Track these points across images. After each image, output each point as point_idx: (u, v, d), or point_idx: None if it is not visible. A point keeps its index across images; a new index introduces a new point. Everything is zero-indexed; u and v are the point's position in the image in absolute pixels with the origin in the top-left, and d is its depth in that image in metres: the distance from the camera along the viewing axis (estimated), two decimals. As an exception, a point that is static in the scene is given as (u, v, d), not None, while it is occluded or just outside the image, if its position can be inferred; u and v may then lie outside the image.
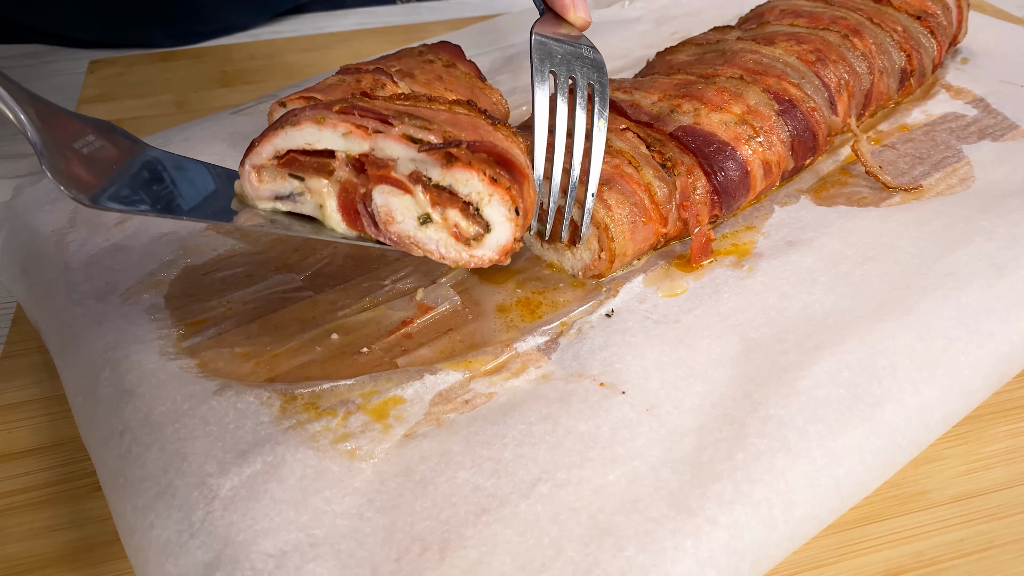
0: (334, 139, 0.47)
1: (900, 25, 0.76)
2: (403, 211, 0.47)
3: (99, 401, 0.49)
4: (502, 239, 0.46)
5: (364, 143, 0.46)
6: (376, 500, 0.43)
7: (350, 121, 0.46)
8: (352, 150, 0.47)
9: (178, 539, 0.41)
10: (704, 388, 0.48)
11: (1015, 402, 0.54)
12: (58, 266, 0.60)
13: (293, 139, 0.47)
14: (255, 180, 0.48)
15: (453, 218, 0.46)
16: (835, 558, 0.45)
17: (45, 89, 0.99)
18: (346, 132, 0.46)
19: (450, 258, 0.47)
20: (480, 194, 0.45)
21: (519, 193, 0.45)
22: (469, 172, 0.45)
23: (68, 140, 0.46)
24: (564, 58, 0.58)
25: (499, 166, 0.45)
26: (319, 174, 0.47)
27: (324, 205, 0.48)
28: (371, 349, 0.53)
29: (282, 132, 0.47)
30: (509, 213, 0.45)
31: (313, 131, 0.47)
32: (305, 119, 0.46)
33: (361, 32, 1.08)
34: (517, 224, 0.46)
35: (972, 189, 0.65)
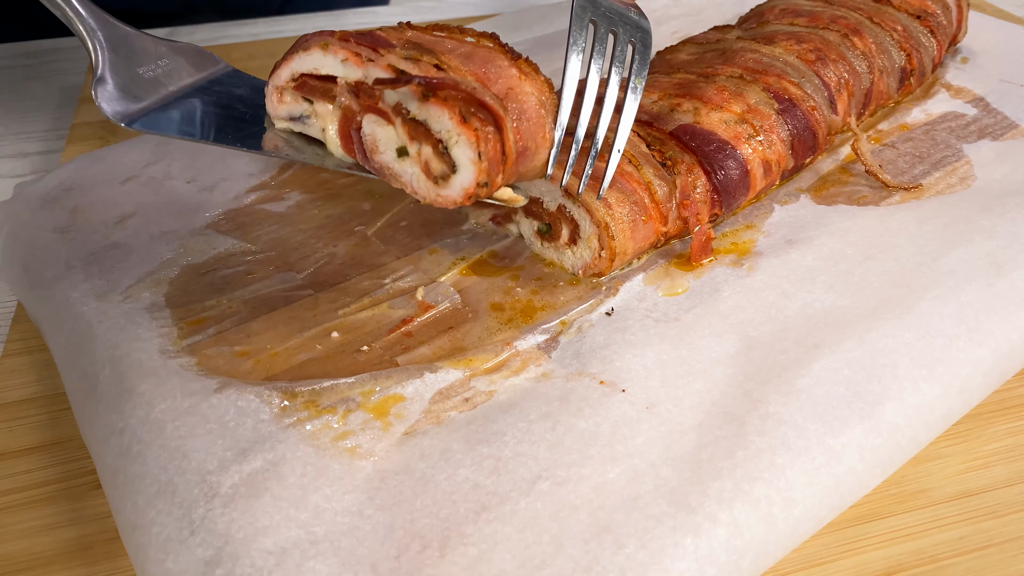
0: (335, 64, 0.49)
1: (900, 24, 0.76)
2: (385, 141, 0.48)
3: (99, 399, 0.49)
4: (465, 182, 0.46)
5: (358, 70, 0.48)
6: (376, 498, 0.43)
7: (347, 48, 0.48)
8: (349, 76, 0.49)
9: (178, 536, 0.41)
10: (704, 386, 0.48)
11: (1015, 400, 0.54)
12: (58, 265, 0.60)
13: (304, 63, 0.50)
14: (276, 100, 0.52)
15: (425, 154, 0.46)
16: (835, 556, 0.45)
17: (45, 89, 0.99)
18: (344, 59, 0.49)
19: (421, 193, 0.48)
20: (449, 132, 0.45)
21: (488, 137, 0.45)
22: (441, 109, 0.45)
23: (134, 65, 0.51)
24: (609, 11, 0.55)
25: (476, 107, 0.45)
26: (324, 98, 0.50)
27: (327, 129, 0.51)
28: (371, 347, 0.53)
29: (296, 56, 0.50)
30: (473, 156, 0.45)
31: (319, 55, 0.50)
32: (313, 43, 0.50)
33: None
34: (480, 169, 0.45)
35: (972, 188, 0.65)
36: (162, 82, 0.52)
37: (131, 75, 0.51)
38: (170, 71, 0.53)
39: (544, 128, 0.49)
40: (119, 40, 0.51)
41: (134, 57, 0.51)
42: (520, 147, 0.48)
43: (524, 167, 0.50)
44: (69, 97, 0.97)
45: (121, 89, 0.50)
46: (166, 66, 0.53)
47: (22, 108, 0.95)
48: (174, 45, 0.55)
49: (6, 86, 1.00)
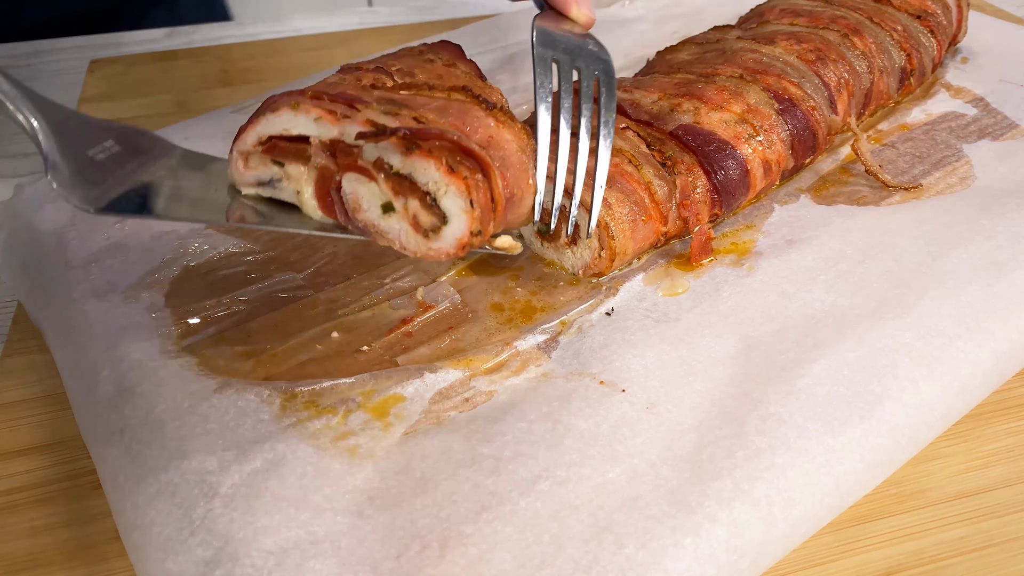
0: (307, 124, 0.47)
1: (900, 24, 0.76)
2: (368, 199, 0.46)
3: (99, 399, 0.49)
4: (458, 232, 0.45)
5: (333, 128, 0.47)
6: (376, 498, 0.43)
7: (320, 106, 0.47)
8: (323, 135, 0.47)
9: (178, 536, 0.41)
10: (704, 386, 0.48)
11: (1015, 400, 0.54)
12: (59, 265, 0.60)
13: (272, 125, 0.48)
14: (241, 166, 0.50)
15: (413, 208, 0.45)
16: (834, 556, 0.45)
17: (45, 89, 0.99)
18: (317, 117, 0.47)
19: (410, 249, 0.46)
20: (437, 184, 0.44)
21: (478, 185, 0.44)
22: (427, 161, 0.44)
23: (83, 147, 0.47)
24: (568, 48, 0.54)
25: (462, 156, 0.44)
26: (297, 160, 0.48)
27: (301, 191, 0.49)
28: (371, 347, 0.53)
29: (263, 119, 0.48)
30: (465, 205, 0.44)
31: (289, 116, 0.48)
32: (282, 104, 0.48)
33: (361, 32, 1.08)
34: (473, 217, 0.44)
35: (972, 188, 0.65)
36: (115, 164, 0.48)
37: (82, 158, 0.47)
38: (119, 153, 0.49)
39: (527, 174, 0.48)
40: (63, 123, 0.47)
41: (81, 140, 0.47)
42: (507, 194, 0.47)
43: (512, 214, 0.49)
44: (69, 98, 0.97)
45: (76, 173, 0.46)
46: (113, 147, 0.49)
47: (22, 108, 0.95)
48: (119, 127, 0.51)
49: (6, 86, 1.00)
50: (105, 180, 0.47)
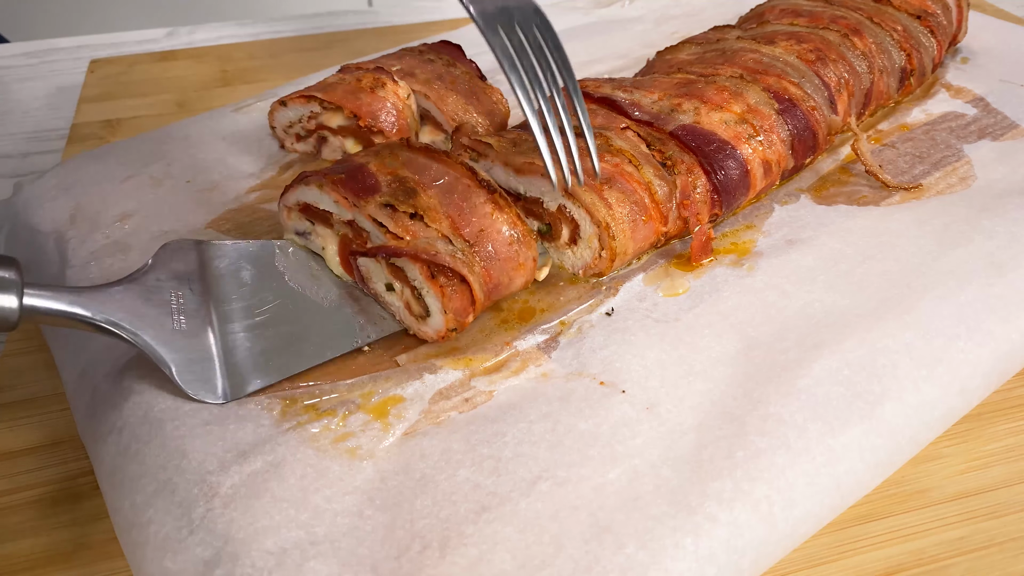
0: (329, 203, 0.54)
1: (900, 24, 0.76)
2: (376, 275, 0.53)
3: (98, 398, 0.49)
4: (437, 326, 0.51)
5: (348, 212, 0.53)
6: (376, 498, 0.43)
7: (336, 192, 0.53)
8: (340, 217, 0.54)
9: (177, 535, 0.41)
10: (704, 386, 0.48)
11: (1015, 400, 0.54)
12: (58, 264, 0.60)
13: (305, 195, 0.56)
14: (285, 217, 0.58)
15: (406, 295, 0.52)
16: (835, 556, 0.45)
17: (46, 89, 0.99)
18: (335, 200, 0.54)
19: (407, 324, 0.53)
20: (420, 283, 0.50)
21: (454, 292, 0.50)
22: (413, 264, 0.50)
23: (163, 324, 0.48)
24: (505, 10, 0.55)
25: (447, 270, 0.50)
26: (324, 224, 0.56)
27: (327, 248, 0.56)
28: (371, 348, 0.53)
29: (299, 188, 0.56)
30: (442, 307, 0.50)
31: (316, 193, 0.55)
32: (312, 182, 0.55)
33: (361, 31, 1.08)
34: (448, 319, 0.50)
35: (972, 188, 0.65)
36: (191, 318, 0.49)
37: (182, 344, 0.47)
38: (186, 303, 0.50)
39: (519, 259, 0.53)
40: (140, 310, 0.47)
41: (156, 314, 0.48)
42: (491, 285, 0.52)
43: (500, 295, 0.54)
44: (69, 97, 0.97)
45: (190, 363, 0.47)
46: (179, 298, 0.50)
47: (22, 108, 0.95)
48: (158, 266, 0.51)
49: (6, 86, 1.00)
50: (205, 349, 0.49)
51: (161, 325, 0.48)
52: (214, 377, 0.48)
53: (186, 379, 0.47)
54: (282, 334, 0.51)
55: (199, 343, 0.48)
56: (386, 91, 0.69)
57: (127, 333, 0.46)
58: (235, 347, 0.49)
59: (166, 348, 0.47)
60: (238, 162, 0.71)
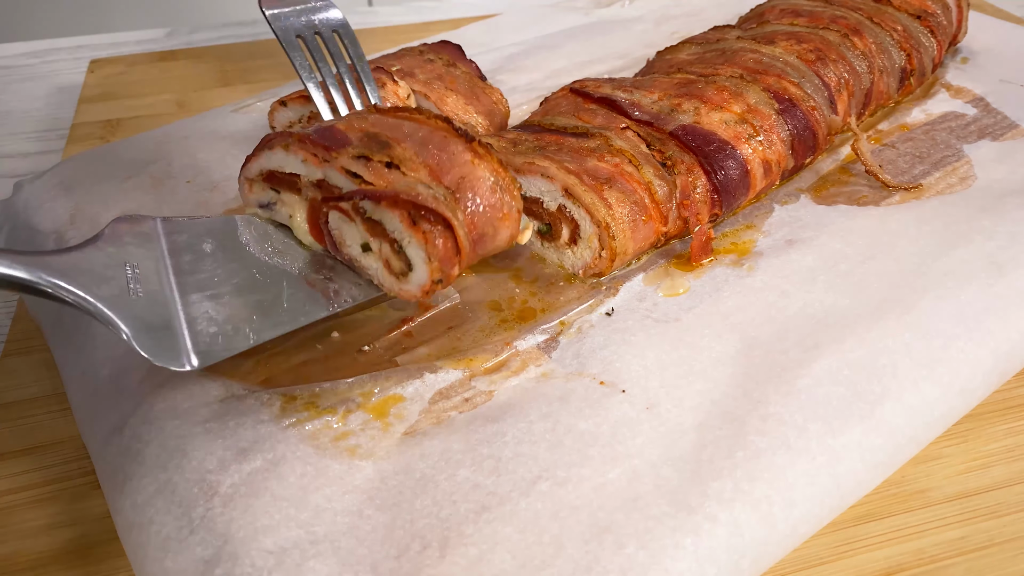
0: (296, 164, 0.51)
1: (900, 24, 0.76)
2: (350, 236, 0.50)
3: (99, 398, 0.49)
4: (421, 279, 0.48)
5: (318, 170, 0.50)
6: (376, 498, 0.43)
7: (305, 149, 0.50)
8: (310, 176, 0.51)
9: (177, 535, 0.41)
10: (704, 386, 0.48)
11: (1015, 400, 0.54)
12: (58, 264, 0.60)
13: (270, 160, 0.52)
14: (247, 190, 0.54)
15: (385, 252, 0.48)
16: (835, 556, 0.45)
17: (46, 89, 0.99)
18: (303, 159, 0.50)
19: (386, 287, 0.50)
20: (401, 234, 0.47)
21: (437, 238, 0.47)
22: (392, 212, 0.47)
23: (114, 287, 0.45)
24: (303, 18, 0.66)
25: (430, 214, 0.47)
26: (290, 190, 0.52)
27: (294, 215, 0.53)
28: (371, 347, 0.53)
29: (263, 154, 0.52)
30: (426, 256, 0.47)
31: (282, 155, 0.51)
32: (277, 143, 0.51)
33: (361, 31, 1.08)
34: (433, 268, 0.47)
35: (972, 188, 0.65)
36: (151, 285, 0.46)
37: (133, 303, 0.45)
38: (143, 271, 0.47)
39: (503, 208, 0.51)
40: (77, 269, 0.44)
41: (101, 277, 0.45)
42: (476, 235, 0.50)
43: (485, 249, 0.51)
44: (69, 97, 0.97)
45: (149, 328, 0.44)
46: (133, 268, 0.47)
47: (22, 108, 0.95)
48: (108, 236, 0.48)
49: (6, 86, 1.00)
50: (167, 318, 0.45)
51: (116, 291, 0.44)
52: (177, 344, 0.44)
53: (145, 344, 0.43)
54: (250, 303, 0.48)
55: (159, 310, 0.45)
56: (386, 91, 0.69)
57: (76, 297, 0.43)
58: (199, 316, 0.46)
59: (121, 313, 0.43)
60: (238, 162, 0.71)
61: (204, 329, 0.46)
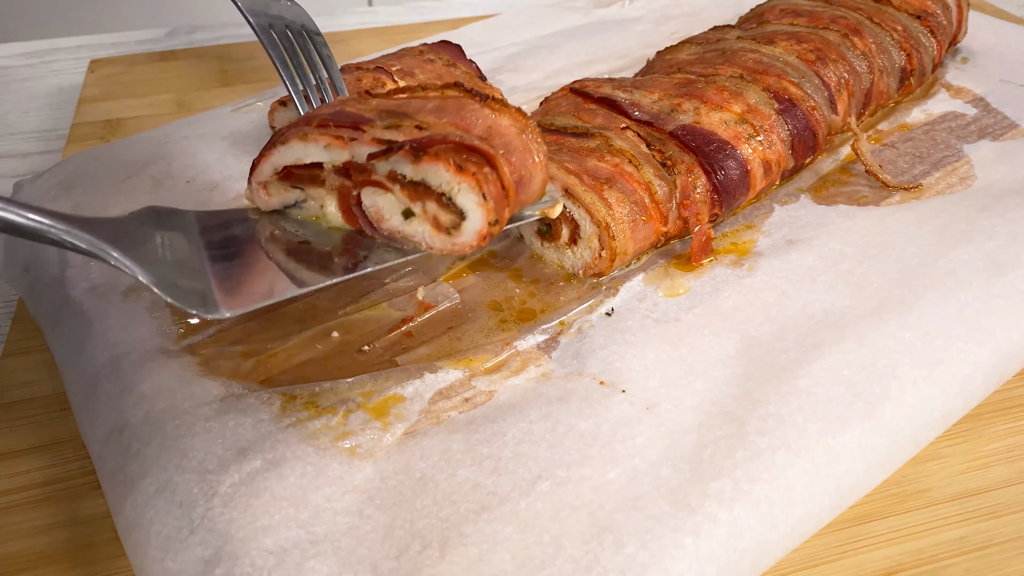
0: (318, 152, 0.50)
1: (900, 24, 0.76)
2: (389, 209, 0.49)
3: (99, 398, 0.49)
4: (477, 225, 0.47)
5: (344, 152, 0.49)
6: (376, 498, 0.43)
7: (328, 133, 0.49)
8: (335, 160, 0.49)
9: (177, 535, 0.41)
10: (704, 386, 0.48)
11: (1015, 400, 0.54)
12: (59, 263, 0.60)
13: (285, 156, 0.50)
14: (264, 195, 0.52)
15: (431, 210, 0.47)
16: (835, 556, 0.45)
17: (46, 89, 0.99)
18: (327, 144, 0.49)
19: (436, 247, 0.48)
20: (450, 184, 0.46)
21: (487, 178, 0.46)
22: (436, 164, 0.46)
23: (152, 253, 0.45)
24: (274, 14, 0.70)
25: (468, 153, 0.46)
26: (314, 184, 0.51)
27: (325, 206, 0.51)
28: (371, 347, 0.53)
29: (275, 151, 0.50)
30: (478, 199, 0.46)
31: (300, 147, 0.50)
32: (291, 136, 0.50)
33: (361, 32, 1.08)
34: (488, 209, 0.46)
35: (972, 188, 0.65)
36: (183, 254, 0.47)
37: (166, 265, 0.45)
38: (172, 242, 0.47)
39: (532, 153, 0.50)
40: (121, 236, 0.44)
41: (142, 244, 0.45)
42: (516, 178, 0.49)
43: (524, 195, 0.50)
44: (69, 97, 0.97)
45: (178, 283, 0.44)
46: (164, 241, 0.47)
47: (22, 108, 0.95)
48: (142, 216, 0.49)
49: (6, 86, 1.00)
50: (197, 276, 0.46)
51: (144, 249, 0.45)
52: (206, 294, 0.44)
53: (174, 294, 0.43)
54: (283, 265, 0.48)
55: (187, 268, 0.45)
56: (385, 91, 0.69)
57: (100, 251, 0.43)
58: (229, 275, 0.46)
59: (149, 267, 0.43)
60: (238, 162, 0.71)
61: (234, 285, 0.46)
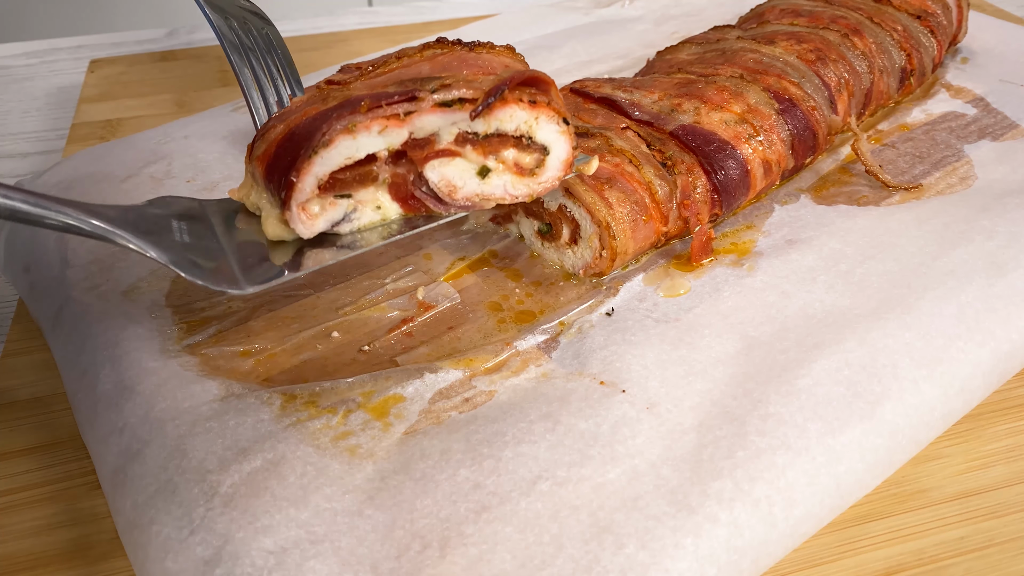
0: (372, 141, 0.45)
1: (900, 24, 0.76)
2: (461, 175, 0.46)
3: (99, 398, 0.49)
4: (562, 154, 0.47)
5: (403, 130, 0.45)
6: (376, 498, 0.43)
7: (381, 115, 0.44)
8: (394, 143, 0.45)
9: (178, 536, 0.41)
10: (704, 386, 0.48)
11: (1015, 400, 0.54)
12: (59, 264, 0.60)
13: (331, 160, 0.44)
14: (305, 219, 0.45)
15: (511, 158, 0.46)
16: (835, 556, 0.45)
17: (46, 89, 0.99)
18: (382, 128, 0.44)
19: (521, 194, 0.47)
20: (527, 122, 0.45)
21: (556, 102, 0.45)
22: (509, 107, 0.45)
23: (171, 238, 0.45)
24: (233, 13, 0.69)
25: (528, 87, 0.45)
26: (364, 184, 0.46)
27: (382, 207, 0.47)
28: (371, 347, 0.53)
29: (317, 158, 0.44)
30: (560, 126, 0.45)
31: (348, 143, 0.44)
32: (335, 134, 0.44)
33: (361, 32, 1.08)
34: (569, 133, 0.46)
35: (972, 188, 0.65)
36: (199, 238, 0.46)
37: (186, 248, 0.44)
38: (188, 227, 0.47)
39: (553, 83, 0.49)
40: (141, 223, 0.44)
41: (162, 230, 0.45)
42: None
43: None
44: (69, 97, 0.97)
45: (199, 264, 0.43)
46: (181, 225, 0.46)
47: (22, 108, 0.95)
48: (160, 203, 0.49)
49: (6, 86, 1.00)
50: (217, 258, 0.45)
51: (160, 233, 0.44)
52: (226, 271, 0.44)
53: (193, 272, 0.42)
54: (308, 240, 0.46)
55: (205, 248, 0.44)
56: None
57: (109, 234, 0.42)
58: (249, 255, 0.45)
59: (165, 249, 0.43)
60: (238, 162, 0.71)
61: (254, 263, 0.45)
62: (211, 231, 0.47)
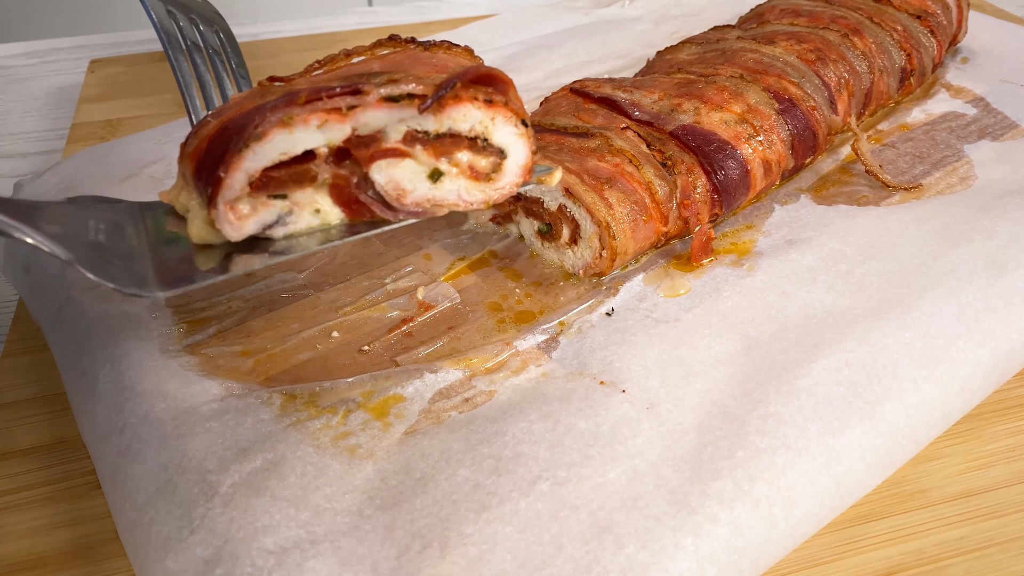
0: (311, 136, 0.41)
1: (900, 24, 0.76)
2: (411, 178, 0.43)
3: (99, 398, 0.49)
4: (520, 158, 0.43)
5: (345, 126, 0.41)
6: (376, 497, 0.43)
7: (321, 108, 0.40)
8: (334, 140, 0.41)
9: (178, 535, 0.41)
10: (704, 386, 0.48)
11: (1015, 400, 0.54)
12: (59, 264, 0.60)
13: (264, 155, 0.41)
14: (233, 219, 0.41)
15: (465, 161, 0.43)
16: (835, 556, 0.45)
17: (46, 89, 0.99)
18: (321, 122, 0.41)
19: (476, 201, 0.44)
20: (483, 122, 0.42)
21: (514, 102, 0.42)
22: (462, 106, 0.41)
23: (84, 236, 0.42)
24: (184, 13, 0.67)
25: (485, 85, 0.41)
26: (301, 184, 0.42)
27: (321, 211, 0.43)
28: (371, 347, 0.53)
29: (248, 152, 0.40)
30: (518, 128, 0.42)
31: (284, 137, 0.40)
32: (269, 127, 0.40)
33: (361, 32, 1.08)
34: (529, 136, 0.42)
35: (972, 188, 0.65)
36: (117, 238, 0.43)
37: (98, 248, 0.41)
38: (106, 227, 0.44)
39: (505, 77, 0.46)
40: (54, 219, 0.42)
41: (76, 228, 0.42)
42: None
43: None
44: (69, 97, 0.97)
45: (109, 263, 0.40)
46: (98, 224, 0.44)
47: (22, 108, 0.95)
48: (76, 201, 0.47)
49: (6, 86, 1.00)
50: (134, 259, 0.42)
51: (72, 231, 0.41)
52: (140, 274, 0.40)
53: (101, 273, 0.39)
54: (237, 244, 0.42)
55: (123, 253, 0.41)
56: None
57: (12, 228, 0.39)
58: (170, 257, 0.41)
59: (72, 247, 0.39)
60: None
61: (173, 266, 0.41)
62: (138, 233, 0.44)
